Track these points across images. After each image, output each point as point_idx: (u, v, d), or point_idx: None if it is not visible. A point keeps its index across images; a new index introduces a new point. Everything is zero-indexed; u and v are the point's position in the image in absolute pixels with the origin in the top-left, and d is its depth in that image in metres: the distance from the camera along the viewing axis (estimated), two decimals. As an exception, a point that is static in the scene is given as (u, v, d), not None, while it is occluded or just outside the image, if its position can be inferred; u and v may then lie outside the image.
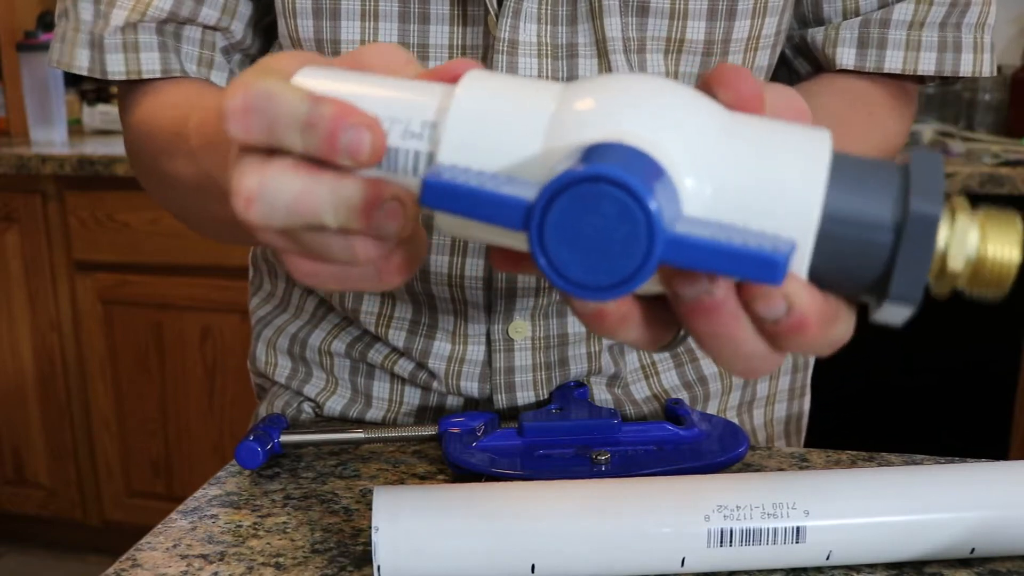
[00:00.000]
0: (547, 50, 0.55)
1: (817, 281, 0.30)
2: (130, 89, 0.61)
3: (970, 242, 0.29)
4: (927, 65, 0.59)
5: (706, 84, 0.32)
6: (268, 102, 0.31)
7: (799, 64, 0.62)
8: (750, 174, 0.29)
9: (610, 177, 0.26)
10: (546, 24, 0.55)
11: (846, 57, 0.59)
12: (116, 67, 0.59)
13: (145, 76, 0.59)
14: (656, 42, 0.56)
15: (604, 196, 0.26)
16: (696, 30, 0.55)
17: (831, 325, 0.30)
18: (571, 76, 0.56)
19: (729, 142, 0.30)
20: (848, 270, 0.29)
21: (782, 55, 0.63)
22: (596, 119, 0.29)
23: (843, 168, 0.29)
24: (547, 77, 0.56)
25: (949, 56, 0.59)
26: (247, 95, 0.31)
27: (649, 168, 0.27)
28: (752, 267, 0.26)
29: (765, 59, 0.59)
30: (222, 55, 0.62)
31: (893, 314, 0.30)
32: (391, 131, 0.31)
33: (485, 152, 0.30)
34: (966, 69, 0.59)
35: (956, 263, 0.29)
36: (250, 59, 0.65)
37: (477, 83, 0.31)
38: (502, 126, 0.30)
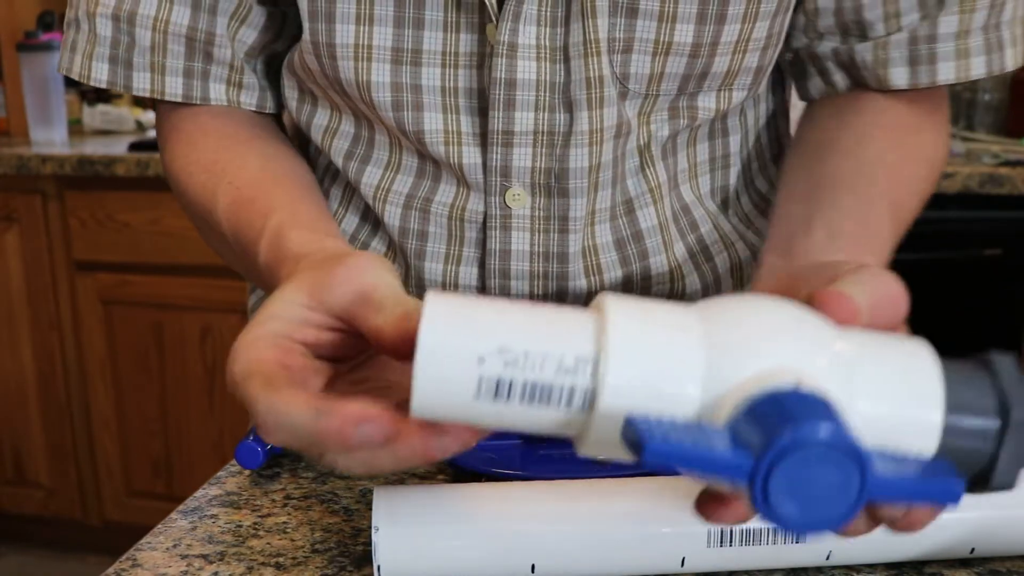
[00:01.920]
0: (546, 52, 0.55)
1: None
2: (168, 112, 0.64)
3: None
4: (978, 70, 0.59)
5: (809, 302, 0.36)
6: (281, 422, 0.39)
7: (838, 78, 0.62)
8: (880, 402, 0.33)
9: (828, 441, 0.29)
10: (545, 26, 0.55)
11: (899, 77, 0.59)
12: (142, 84, 0.61)
13: (168, 99, 0.62)
14: (643, 44, 0.55)
15: (823, 456, 0.29)
16: (684, 33, 0.55)
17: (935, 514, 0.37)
18: (567, 79, 0.56)
19: (857, 370, 0.33)
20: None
21: (817, 65, 0.63)
22: (747, 355, 0.32)
23: (948, 385, 0.34)
24: (544, 80, 0.56)
25: (996, 57, 0.59)
26: (263, 421, 0.39)
27: (832, 411, 0.30)
28: (937, 497, 0.30)
29: (755, 61, 0.59)
30: (251, 70, 0.64)
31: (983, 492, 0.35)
32: (544, 365, 0.33)
33: (648, 389, 0.32)
34: (1009, 64, 0.60)
35: None
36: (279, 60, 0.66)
37: (623, 316, 0.33)
38: (661, 365, 0.32)
